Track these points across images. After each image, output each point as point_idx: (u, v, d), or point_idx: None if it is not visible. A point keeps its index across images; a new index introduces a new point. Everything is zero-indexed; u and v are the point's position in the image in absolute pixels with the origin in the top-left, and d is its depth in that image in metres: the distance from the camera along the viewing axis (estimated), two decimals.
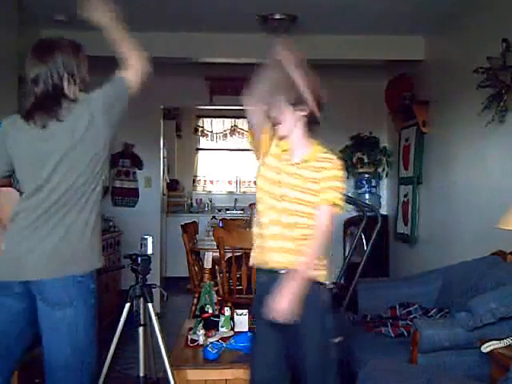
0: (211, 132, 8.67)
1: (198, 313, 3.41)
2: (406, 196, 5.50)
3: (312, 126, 2.43)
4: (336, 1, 4.22)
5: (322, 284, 2.34)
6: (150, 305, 2.59)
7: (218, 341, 3.12)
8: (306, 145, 2.41)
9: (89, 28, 5.07)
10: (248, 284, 4.29)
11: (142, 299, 2.60)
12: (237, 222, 5.86)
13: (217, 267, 4.55)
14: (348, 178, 6.32)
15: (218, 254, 4.37)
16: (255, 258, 2.45)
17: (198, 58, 5.32)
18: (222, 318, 3.34)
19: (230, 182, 8.78)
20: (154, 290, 2.65)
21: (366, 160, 6.31)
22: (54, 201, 2.03)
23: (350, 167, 6.32)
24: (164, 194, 7.12)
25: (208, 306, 3.36)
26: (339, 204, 2.29)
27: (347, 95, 6.34)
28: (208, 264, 4.43)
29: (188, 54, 5.18)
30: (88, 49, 5.36)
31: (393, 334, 3.31)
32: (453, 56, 4.54)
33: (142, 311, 2.61)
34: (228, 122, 8.63)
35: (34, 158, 2.07)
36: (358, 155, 6.33)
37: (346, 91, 6.34)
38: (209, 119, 8.64)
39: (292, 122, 2.38)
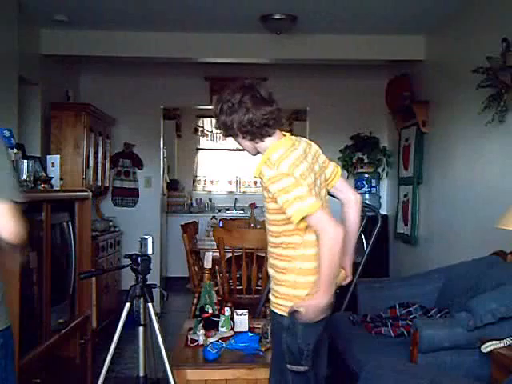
0: (211, 132, 8.67)
1: (197, 313, 3.41)
2: (405, 196, 5.50)
3: (259, 134, 2.20)
4: (336, 1, 4.23)
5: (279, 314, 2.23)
6: (150, 305, 2.59)
7: (218, 341, 3.11)
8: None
9: (88, 28, 5.09)
10: (248, 284, 4.29)
11: (142, 299, 2.60)
12: (237, 221, 5.86)
13: (217, 267, 4.54)
14: (348, 178, 6.32)
15: (218, 254, 4.38)
16: None
17: (197, 58, 5.32)
18: (222, 318, 3.34)
19: (230, 182, 8.78)
20: (154, 289, 2.64)
21: (365, 160, 6.30)
22: None
23: (349, 167, 6.32)
24: (164, 194, 7.12)
25: (208, 306, 3.36)
26: (306, 213, 2.03)
27: (347, 95, 6.35)
28: (208, 264, 4.43)
29: (188, 54, 5.18)
30: (88, 49, 5.42)
31: (393, 334, 3.31)
32: (453, 56, 4.54)
33: (142, 311, 2.61)
34: None
35: None
36: (358, 155, 6.33)
37: (346, 91, 6.35)
38: (209, 119, 8.64)
39: (247, 146, 2.29)
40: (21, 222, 1.73)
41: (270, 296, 2.33)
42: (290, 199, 2.05)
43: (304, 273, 2.19)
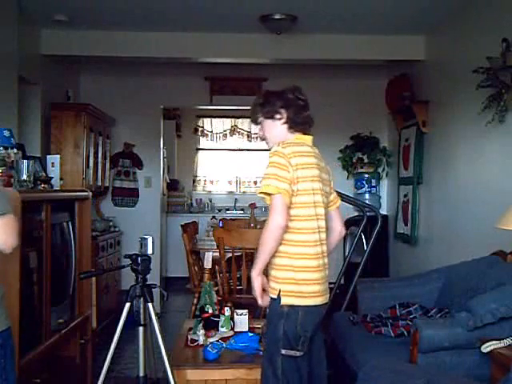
0: (211, 132, 8.66)
1: (197, 313, 3.41)
2: (405, 196, 5.50)
3: (300, 127, 2.50)
4: (336, 1, 4.23)
5: (273, 299, 2.37)
6: (150, 305, 2.59)
7: (218, 341, 3.12)
8: None
9: (88, 28, 5.10)
10: (248, 284, 4.29)
11: (142, 299, 2.60)
12: (237, 221, 5.86)
13: (217, 267, 4.54)
14: (348, 178, 6.33)
15: (217, 254, 4.37)
16: None
17: (198, 58, 5.32)
18: (222, 318, 3.34)
19: (230, 182, 8.77)
20: (153, 289, 2.64)
21: (366, 160, 6.31)
22: None
23: (350, 167, 6.32)
24: (164, 194, 7.12)
25: (208, 306, 3.36)
26: (268, 191, 2.29)
27: (347, 95, 6.35)
28: (208, 264, 4.43)
29: (188, 54, 5.18)
30: (88, 49, 5.42)
31: (393, 334, 3.31)
32: (453, 56, 4.54)
33: (142, 311, 2.61)
34: (228, 122, 8.63)
35: None
36: (358, 155, 6.33)
37: (346, 91, 6.35)
38: (209, 119, 8.63)
39: (275, 133, 2.51)
40: (14, 234, 1.89)
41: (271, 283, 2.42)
42: (270, 174, 2.31)
43: (294, 257, 2.35)
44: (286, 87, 2.54)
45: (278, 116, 2.48)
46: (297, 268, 2.35)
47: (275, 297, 2.35)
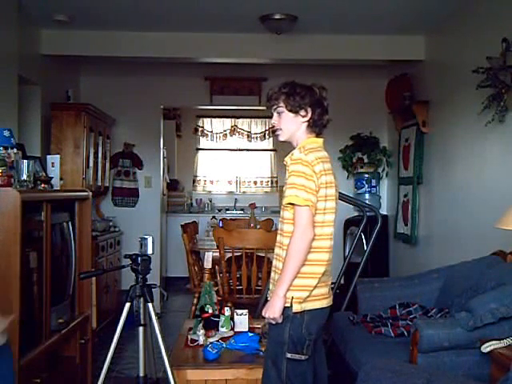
0: (211, 132, 8.66)
1: (197, 313, 3.41)
2: (405, 196, 5.50)
3: (317, 130, 2.43)
4: (336, 1, 4.23)
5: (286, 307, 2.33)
6: (150, 305, 2.59)
7: (218, 341, 3.12)
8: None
9: (88, 28, 5.10)
10: (248, 284, 4.29)
11: (142, 299, 2.60)
12: (237, 221, 5.86)
13: (217, 267, 4.55)
14: (348, 177, 6.33)
15: (217, 254, 4.38)
16: None
17: (198, 58, 5.33)
18: (222, 318, 3.34)
19: (230, 182, 8.77)
20: (153, 289, 2.65)
21: (366, 160, 6.31)
22: None
23: (350, 167, 6.33)
24: (164, 194, 7.12)
25: (208, 306, 3.36)
26: (296, 202, 2.24)
27: (347, 95, 6.35)
28: (208, 264, 4.42)
29: (188, 53, 5.18)
30: (88, 49, 5.42)
31: (393, 334, 3.31)
32: (453, 56, 4.54)
33: (142, 311, 2.61)
34: (228, 122, 8.63)
35: None
36: (358, 155, 6.33)
37: (346, 91, 6.35)
38: (209, 119, 8.63)
39: (292, 129, 2.42)
40: None
41: (271, 286, 2.41)
42: (298, 184, 2.25)
43: (310, 263, 2.32)
44: (313, 83, 2.43)
45: (302, 113, 2.38)
46: (313, 275, 2.33)
47: (288, 305, 2.31)
